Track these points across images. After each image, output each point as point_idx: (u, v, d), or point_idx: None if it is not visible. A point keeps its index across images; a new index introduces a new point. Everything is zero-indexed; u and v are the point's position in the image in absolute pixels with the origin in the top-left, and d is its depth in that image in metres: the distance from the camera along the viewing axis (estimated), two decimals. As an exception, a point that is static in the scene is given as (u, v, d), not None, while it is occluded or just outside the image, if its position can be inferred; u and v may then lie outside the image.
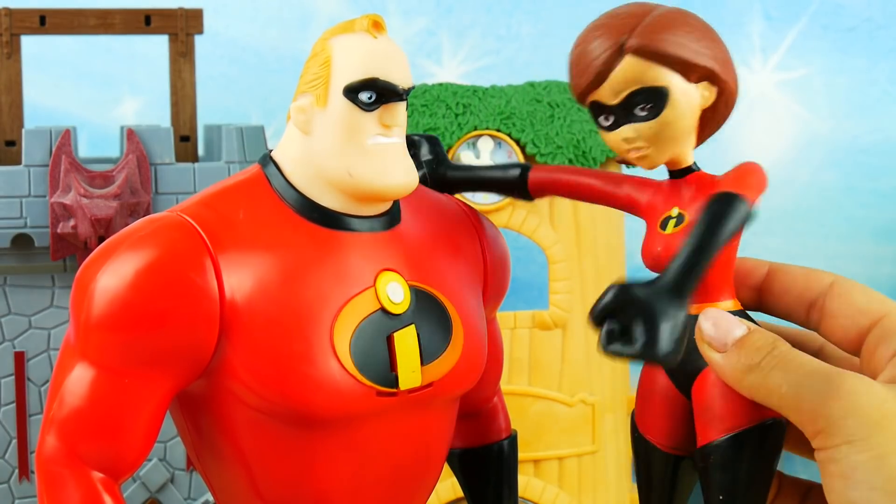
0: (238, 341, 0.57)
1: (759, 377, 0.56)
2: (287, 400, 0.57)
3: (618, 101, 0.59)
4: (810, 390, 0.54)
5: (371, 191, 0.59)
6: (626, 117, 0.59)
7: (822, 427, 0.53)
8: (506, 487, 0.72)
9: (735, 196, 0.57)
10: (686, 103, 0.59)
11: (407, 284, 0.61)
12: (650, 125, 0.59)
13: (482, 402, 0.71)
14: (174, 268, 0.56)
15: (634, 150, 0.60)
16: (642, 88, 0.58)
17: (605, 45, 0.59)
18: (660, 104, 0.58)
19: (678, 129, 0.59)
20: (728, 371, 0.57)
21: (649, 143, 0.59)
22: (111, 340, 0.56)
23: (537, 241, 1.18)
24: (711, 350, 0.58)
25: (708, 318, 0.59)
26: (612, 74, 0.59)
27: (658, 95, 0.58)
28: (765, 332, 0.58)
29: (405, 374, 0.59)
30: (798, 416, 0.55)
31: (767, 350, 0.57)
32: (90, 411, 0.56)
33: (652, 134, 0.59)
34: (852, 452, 0.53)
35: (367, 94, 0.59)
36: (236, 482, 0.61)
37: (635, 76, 0.58)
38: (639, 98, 0.59)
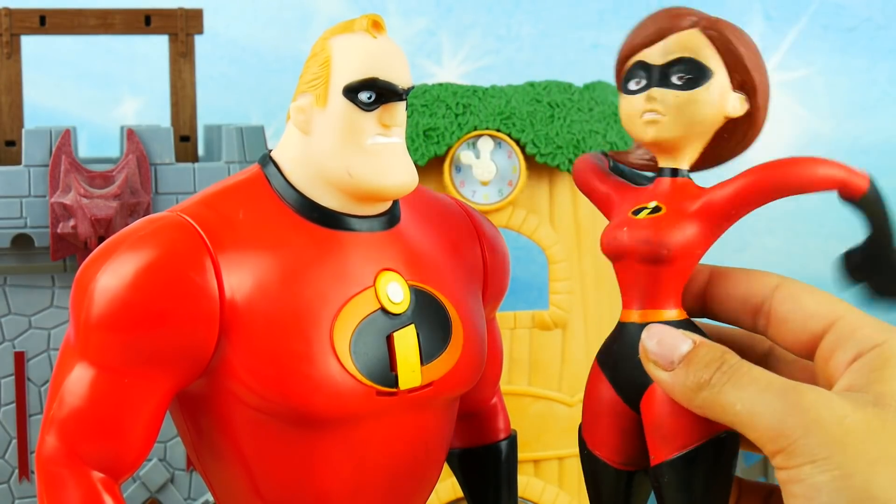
0: (238, 341, 0.57)
1: (710, 395, 0.54)
2: (287, 400, 0.57)
3: (663, 61, 0.60)
4: (766, 408, 0.52)
5: (370, 190, 0.59)
6: (660, 81, 0.60)
7: (783, 446, 0.51)
8: (505, 488, 0.72)
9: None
10: (718, 97, 0.59)
11: (407, 284, 0.61)
12: (678, 94, 0.59)
13: (482, 403, 0.71)
14: (174, 267, 0.56)
15: (652, 111, 0.60)
16: (691, 59, 0.59)
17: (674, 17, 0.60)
18: (697, 80, 0.59)
19: (700, 113, 0.59)
20: (677, 390, 0.55)
21: (668, 112, 0.59)
22: (111, 340, 0.56)
23: (537, 241, 1.18)
24: (658, 369, 0.56)
25: (652, 336, 0.57)
26: (672, 36, 0.60)
27: (701, 72, 0.59)
28: (712, 344, 0.56)
29: (405, 373, 0.59)
30: (755, 434, 0.52)
31: (716, 365, 0.54)
32: (90, 411, 0.56)
33: (677, 104, 0.59)
34: (815, 472, 0.51)
35: (367, 94, 0.59)
36: (236, 482, 0.61)
37: (691, 46, 0.59)
38: (682, 66, 0.59)
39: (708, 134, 0.60)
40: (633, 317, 0.60)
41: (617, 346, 0.61)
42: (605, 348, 0.62)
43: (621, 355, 0.60)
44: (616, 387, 0.60)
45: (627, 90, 0.61)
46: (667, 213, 0.59)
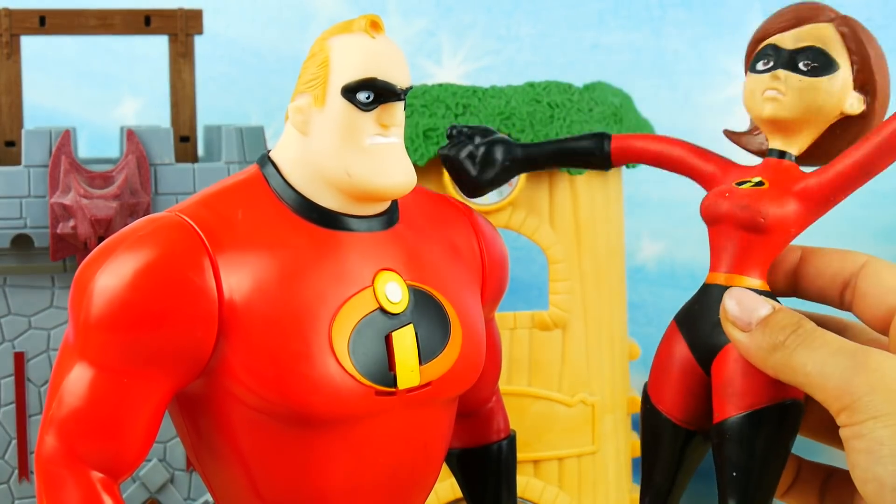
0: (236, 341, 0.57)
1: (783, 356, 0.56)
2: (285, 399, 0.57)
3: (794, 46, 0.62)
4: (835, 367, 0.54)
5: (369, 190, 0.60)
6: (787, 64, 0.62)
7: (848, 403, 0.54)
8: (504, 488, 0.72)
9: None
10: (838, 90, 0.62)
11: (405, 284, 0.61)
12: (802, 79, 0.61)
13: (481, 403, 0.71)
14: (172, 268, 0.56)
15: (774, 89, 0.62)
16: (821, 49, 0.62)
17: (813, 9, 0.64)
18: (823, 70, 0.61)
19: (819, 102, 0.62)
20: (753, 350, 0.58)
21: (790, 93, 0.61)
22: (110, 340, 0.56)
23: (537, 241, 1.18)
24: (736, 329, 0.59)
25: (732, 297, 0.59)
26: (807, 25, 0.63)
27: (827, 63, 0.61)
28: (790, 311, 0.58)
29: (403, 373, 0.59)
30: (823, 393, 0.55)
31: (792, 329, 0.57)
32: (89, 411, 0.56)
33: (799, 87, 0.61)
34: (878, 427, 0.53)
35: (365, 94, 0.59)
36: (235, 482, 0.61)
37: (823, 37, 0.62)
38: (811, 54, 0.62)
39: (822, 124, 0.63)
40: (718, 279, 0.63)
41: (698, 307, 0.63)
42: (686, 308, 0.64)
43: (701, 315, 0.63)
44: (691, 345, 0.63)
45: (755, 69, 0.63)
46: (769, 188, 0.62)
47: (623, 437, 1.24)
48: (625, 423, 1.25)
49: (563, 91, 1.18)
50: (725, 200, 0.62)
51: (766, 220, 0.61)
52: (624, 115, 1.21)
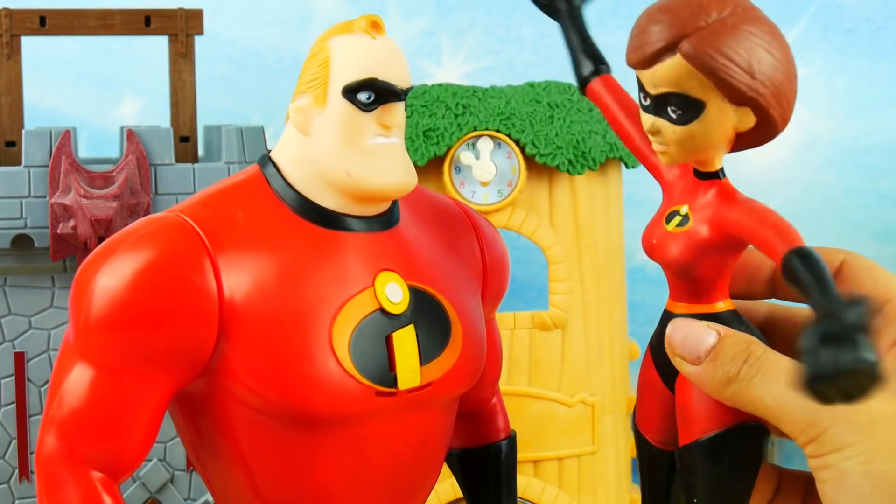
0: (237, 341, 0.57)
1: (739, 389, 0.55)
2: (286, 399, 0.57)
3: (655, 93, 0.57)
4: (796, 401, 0.53)
5: (370, 191, 0.59)
6: (657, 111, 0.58)
7: (813, 436, 0.53)
8: (505, 488, 0.72)
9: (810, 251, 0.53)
10: (719, 122, 0.57)
11: (406, 284, 0.61)
12: (675, 129, 0.57)
13: (481, 403, 0.71)
14: (173, 268, 0.56)
15: (657, 142, 0.59)
16: (679, 94, 0.56)
17: (662, 34, 0.56)
18: (691, 114, 0.57)
19: (703, 142, 0.58)
20: (706, 384, 0.57)
21: (671, 144, 0.58)
22: (111, 340, 0.56)
23: (537, 241, 1.18)
24: (685, 363, 0.57)
25: (677, 332, 0.58)
26: (657, 66, 0.57)
27: (691, 106, 0.56)
28: (737, 335, 0.57)
29: (404, 373, 0.59)
30: (787, 427, 0.54)
31: (743, 358, 0.56)
32: (90, 411, 0.56)
33: (676, 138, 0.57)
34: (842, 459, 0.53)
35: (366, 95, 0.59)
36: (235, 482, 0.61)
37: (677, 79, 0.56)
38: (673, 100, 0.57)
39: (722, 147, 0.59)
40: (677, 308, 0.62)
41: (660, 331, 0.62)
42: (655, 332, 0.63)
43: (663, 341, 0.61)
44: (658, 370, 0.62)
45: (639, 101, 0.60)
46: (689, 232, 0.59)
47: (623, 437, 1.24)
48: (624, 423, 1.25)
49: (563, 91, 1.18)
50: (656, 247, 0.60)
51: (693, 272, 0.59)
52: (624, 115, 1.21)
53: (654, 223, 0.61)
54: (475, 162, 1.14)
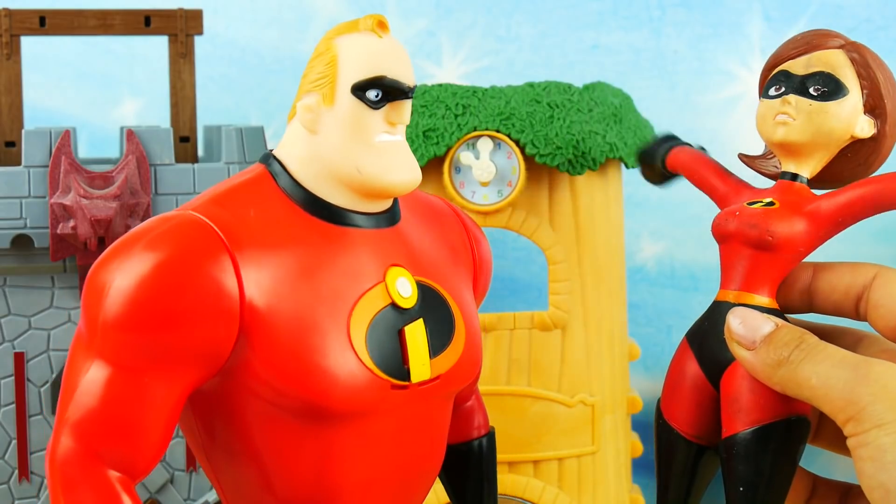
0: (257, 339, 0.57)
1: (788, 371, 0.58)
2: (307, 394, 0.57)
3: (804, 72, 0.63)
4: (839, 380, 0.56)
5: (379, 187, 0.60)
6: (798, 89, 0.63)
7: (852, 414, 0.55)
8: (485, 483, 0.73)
9: None
10: (848, 114, 0.63)
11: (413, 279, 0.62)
12: (812, 103, 0.63)
13: (462, 400, 0.72)
14: (194, 266, 0.56)
15: (785, 114, 0.63)
16: (830, 74, 0.63)
17: (823, 37, 0.65)
18: (832, 94, 0.63)
19: (829, 125, 0.63)
20: (758, 367, 0.59)
21: (799, 117, 0.63)
22: (130, 340, 0.56)
23: (537, 241, 1.18)
24: (741, 348, 0.60)
25: (736, 317, 0.61)
26: (818, 51, 0.64)
27: (836, 87, 0.63)
28: (792, 327, 0.60)
29: (416, 367, 0.60)
30: (829, 406, 0.56)
31: (795, 344, 0.58)
32: (108, 411, 0.56)
33: (808, 112, 0.63)
34: (881, 435, 0.54)
35: (375, 92, 0.60)
36: (248, 479, 0.61)
37: (833, 64, 0.63)
38: (820, 79, 0.63)
39: (833, 147, 0.64)
40: (728, 296, 0.64)
41: (707, 323, 0.64)
42: (696, 325, 0.66)
43: (710, 332, 0.64)
44: (700, 362, 0.64)
45: (767, 95, 0.65)
46: (780, 208, 0.63)
47: (623, 437, 1.24)
48: (625, 423, 1.25)
49: (563, 91, 1.18)
50: (735, 219, 0.64)
51: (774, 239, 0.62)
52: (624, 115, 1.21)
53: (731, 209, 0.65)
54: (475, 162, 1.14)
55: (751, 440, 0.60)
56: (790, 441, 0.61)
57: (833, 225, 0.63)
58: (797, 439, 0.61)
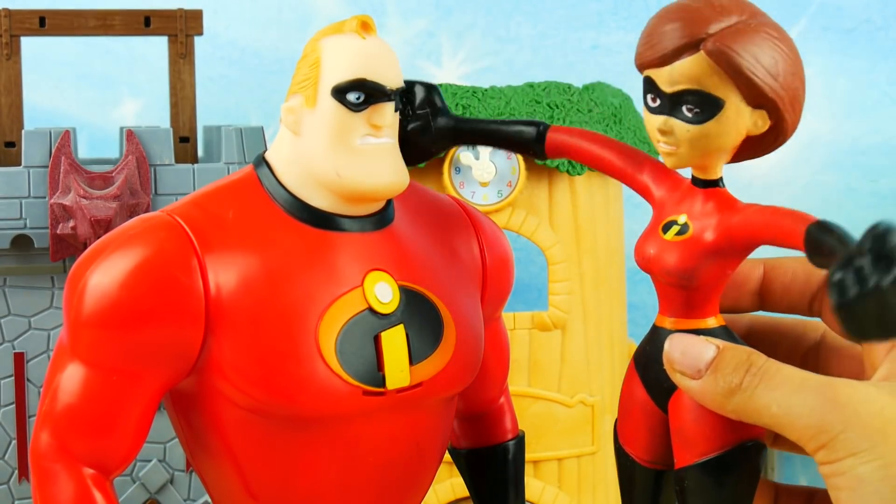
0: (224, 340, 0.57)
1: (742, 400, 0.54)
2: (273, 398, 0.57)
3: (671, 90, 0.56)
4: (804, 407, 0.52)
5: (359, 191, 0.60)
6: (672, 110, 0.56)
7: (824, 442, 0.52)
8: (512, 489, 0.72)
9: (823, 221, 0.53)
10: (734, 123, 0.56)
11: (396, 284, 0.61)
12: (690, 129, 0.56)
13: (488, 403, 0.71)
14: (160, 267, 0.57)
15: (666, 143, 0.57)
16: (699, 91, 0.55)
17: (682, 31, 0.55)
18: (708, 113, 0.56)
19: (716, 143, 0.57)
20: (708, 398, 0.55)
21: (682, 145, 0.57)
22: (99, 338, 0.57)
23: (537, 242, 1.18)
24: (686, 378, 0.56)
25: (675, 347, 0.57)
26: (677, 63, 0.56)
27: (710, 104, 0.56)
28: (737, 347, 0.56)
29: (393, 373, 0.59)
30: (795, 434, 0.53)
31: (745, 368, 0.54)
32: (81, 408, 0.57)
33: (689, 137, 0.56)
34: (858, 464, 0.51)
35: (356, 95, 0.59)
36: (228, 480, 0.61)
37: (698, 76, 0.55)
38: (691, 98, 0.56)
39: (730, 151, 0.58)
40: (666, 323, 0.60)
41: (649, 348, 0.60)
42: (640, 349, 0.61)
43: (652, 357, 0.60)
44: (647, 387, 0.60)
45: (646, 104, 0.58)
46: (691, 239, 0.58)
47: (623, 437, 1.24)
48: (624, 423, 1.25)
49: (563, 91, 1.18)
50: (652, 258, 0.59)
51: (693, 282, 0.58)
52: (624, 115, 1.21)
53: (647, 235, 0.60)
54: (475, 162, 1.14)
55: (701, 473, 0.57)
56: (744, 469, 0.57)
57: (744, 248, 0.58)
58: (752, 465, 0.57)
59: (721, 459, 0.57)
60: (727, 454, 0.57)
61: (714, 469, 0.57)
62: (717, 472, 0.57)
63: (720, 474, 0.57)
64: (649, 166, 0.61)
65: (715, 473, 0.57)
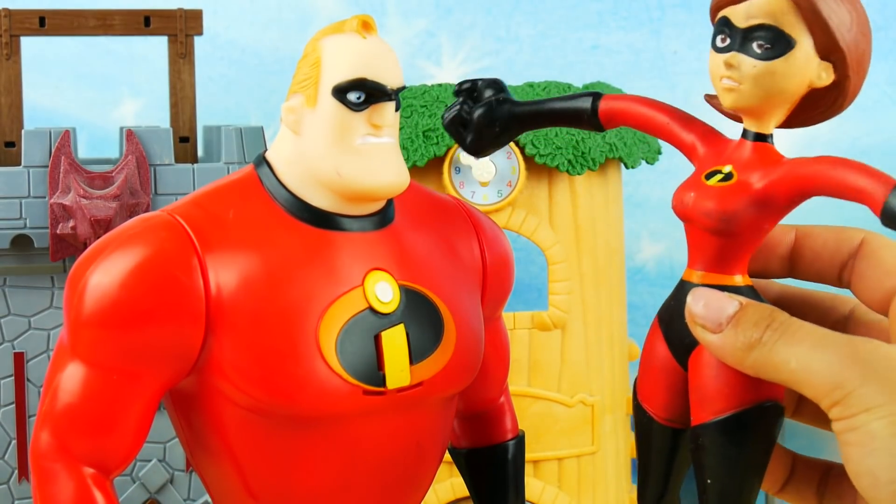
0: (224, 339, 0.57)
1: (762, 354, 0.53)
2: (273, 398, 0.57)
3: (745, 25, 0.57)
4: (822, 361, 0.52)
5: (360, 190, 0.60)
6: (742, 46, 0.57)
7: (838, 398, 0.51)
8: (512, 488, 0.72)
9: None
10: (800, 68, 0.57)
11: (397, 284, 0.61)
12: (756, 64, 0.57)
13: (488, 403, 0.71)
14: (160, 267, 0.57)
15: (729, 78, 0.57)
16: (772, 27, 0.56)
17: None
18: (778, 50, 0.56)
19: (779, 86, 0.57)
20: (728, 351, 0.55)
21: (746, 81, 0.57)
22: (99, 337, 0.57)
23: (536, 241, 1.18)
24: (706, 332, 0.56)
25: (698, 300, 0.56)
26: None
27: (781, 41, 0.56)
28: (759, 304, 0.55)
29: (393, 373, 0.59)
30: (812, 390, 0.52)
31: (766, 323, 0.54)
32: (80, 408, 0.57)
33: (754, 74, 0.57)
34: (871, 419, 0.50)
35: (356, 94, 0.59)
36: (228, 479, 0.61)
37: (774, 11, 0.56)
38: (763, 34, 0.56)
39: (790, 102, 0.58)
40: (693, 277, 0.59)
41: (674, 303, 0.60)
42: (665, 304, 0.61)
43: (677, 312, 0.59)
44: (669, 343, 0.60)
45: (714, 45, 0.59)
46: (736, 185, 0.58)
47: (623, 437, 1.24)
48: (624, 423, 1.25)
49: (563, 91, 1.18)
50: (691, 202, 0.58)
51: (733, 227, 0.57)
52: (623, 115, 1.21)
53: (687, 183, 0.59)
54: (475, 162, 1.14)
55: (717, 431, 0.56)
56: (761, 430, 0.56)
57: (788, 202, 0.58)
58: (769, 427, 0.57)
59: (738, 418, 0.56)
60: (744, 413, 0.56)
61: (730, 428, 0.56)
62: (733, 431, 0.56)
63: (736, 433, 0.56)
64: (700, 127, 0.62)
65: (730, 432, 0.56)
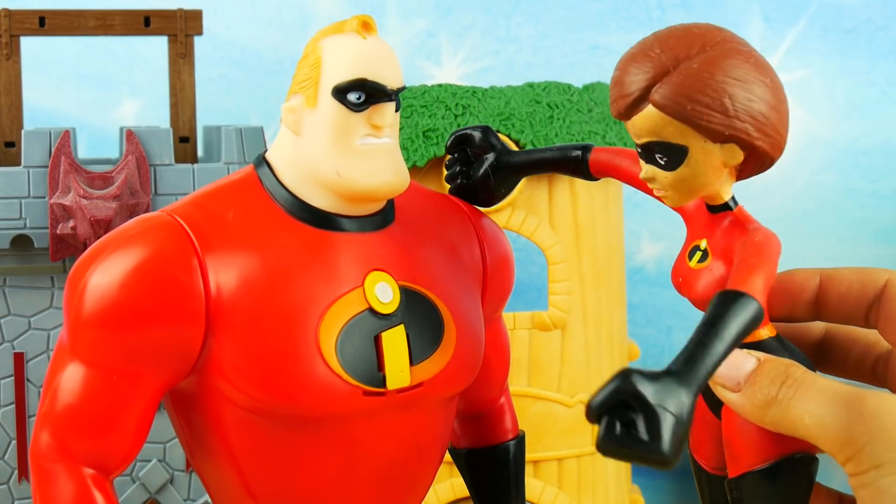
0: (224, 339, 0.57)
1: (779, 410, 0.54)
2: (273, 398, 0.57)
3: (640, 142, 0.58)
4: (833, 419, 0.52)
5: (360, 191, 0.60)
6: (648, 159, 0.58)
7: (851, 455, 0.52)
8: (513, 488, 0.72)
9: (741, 297, 0.54)
10: (706, 164, 0.57)
11: (397, 284, 0.61)
12: (667, 175, 0.57)
13: (488, 403, 0.71)
14: (160, 267, 0.57)
15: (656, 189, 0.59)
16: (660, 142, 0.56)
17: (637, 81, 0.56)
18: (676, 160, 0.57)
19: (696, 183, 0.58)
20: (747, 409, 0.56)
21: (667, 189, 0.58)
22: (99, 338, 0.57)
23: (536, 242, 1.18)
24: (726, 391, 0.57)
25: None
26: (635, 117, 0.57)
27: (675, 152, 0.56)
28: (776, 360, 0.56)
29: (393, 373, 0.60)
30: (827, 446, 0.53)
31: (781, 380, 0.55)
32: (80, 408, 0.57)
33: (669, 183, 0.58)
34: (880, 476, 0.51)
35: (356, 95, 0.59)
36: (228, 479, 0.61)
37: (655, 129, 0.56)
38: (657, 148, 0.57)
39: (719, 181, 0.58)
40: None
41: None
42: None
43: None
44: (705, 396, 0.61)
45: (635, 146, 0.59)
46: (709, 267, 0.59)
47: (622, 437, 1.24)
48: (624, 423, 1.25)
49: (563, 91, 1.18)
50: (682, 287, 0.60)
51: None
52: (623, 115, 1.21)
53: (680, 259, 0.61)
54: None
55: (749, 484, 0.57)
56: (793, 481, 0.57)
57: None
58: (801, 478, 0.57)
59: (768, 471, 0.57)
60: (774, 466, 0.57)
61: (762, 481, 0.57)
62: (765, 485, 0.57)
63: (768, 486, 0.57)
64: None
65: (763, 486, 0.57)
